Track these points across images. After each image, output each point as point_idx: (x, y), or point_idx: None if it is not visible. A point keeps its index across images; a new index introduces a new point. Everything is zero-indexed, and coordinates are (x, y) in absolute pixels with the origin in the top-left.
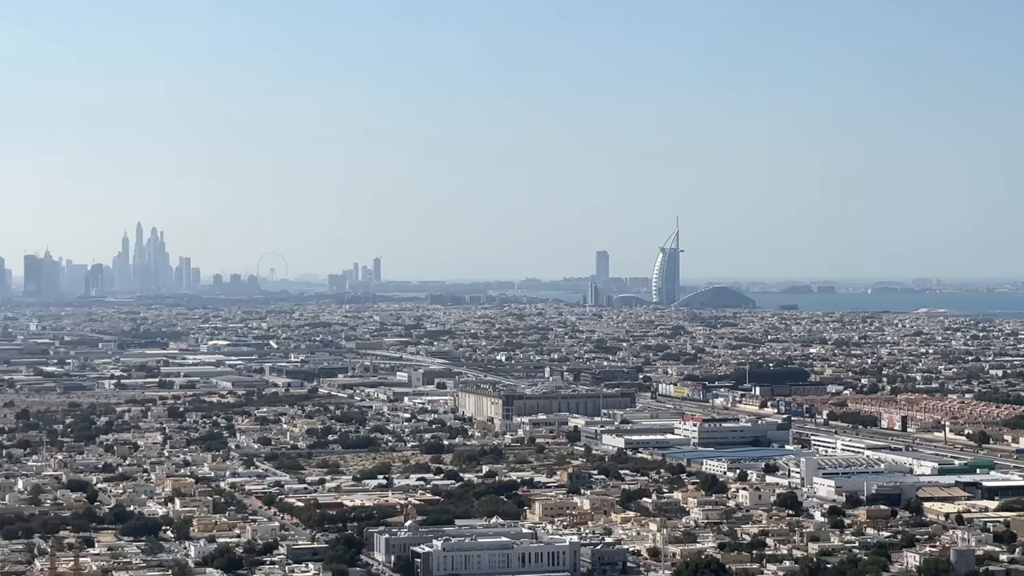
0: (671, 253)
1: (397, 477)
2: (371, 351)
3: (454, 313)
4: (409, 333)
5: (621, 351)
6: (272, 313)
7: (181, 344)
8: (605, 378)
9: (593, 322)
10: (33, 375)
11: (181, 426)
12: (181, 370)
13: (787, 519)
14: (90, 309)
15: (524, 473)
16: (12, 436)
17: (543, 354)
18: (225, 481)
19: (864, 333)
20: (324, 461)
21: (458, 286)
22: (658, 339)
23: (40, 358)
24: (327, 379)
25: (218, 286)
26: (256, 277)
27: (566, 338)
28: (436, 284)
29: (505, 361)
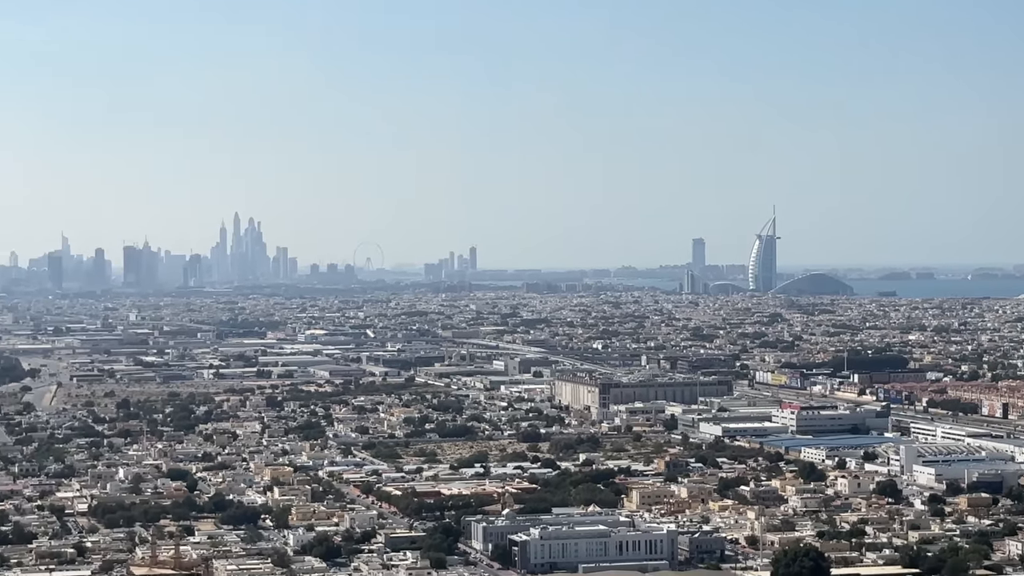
0: (768, 240)
1: (494, 466)
2: (467, 340)
3: (550, 301)
4: (505, 322)
5: (718, 339)
6: (369, 302)
7: (279, 334)
8: (702, 366)
9: (689, 310)
10: (133, 365)
11: (279, 415)
12: (279, 359)
13: (886, 507)
14: (189, 299)
15: (621, 461)
16: (113, 425)
17: (639, 342)
18: (323, 470)
19: (964, 320)
20: (421, 450)
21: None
22: (755, 326)
23: (140, 348)
24: (424, 368)
25: (315, 276)
26: (353, 267)
27: (662, 326)
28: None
29: (601, 349)
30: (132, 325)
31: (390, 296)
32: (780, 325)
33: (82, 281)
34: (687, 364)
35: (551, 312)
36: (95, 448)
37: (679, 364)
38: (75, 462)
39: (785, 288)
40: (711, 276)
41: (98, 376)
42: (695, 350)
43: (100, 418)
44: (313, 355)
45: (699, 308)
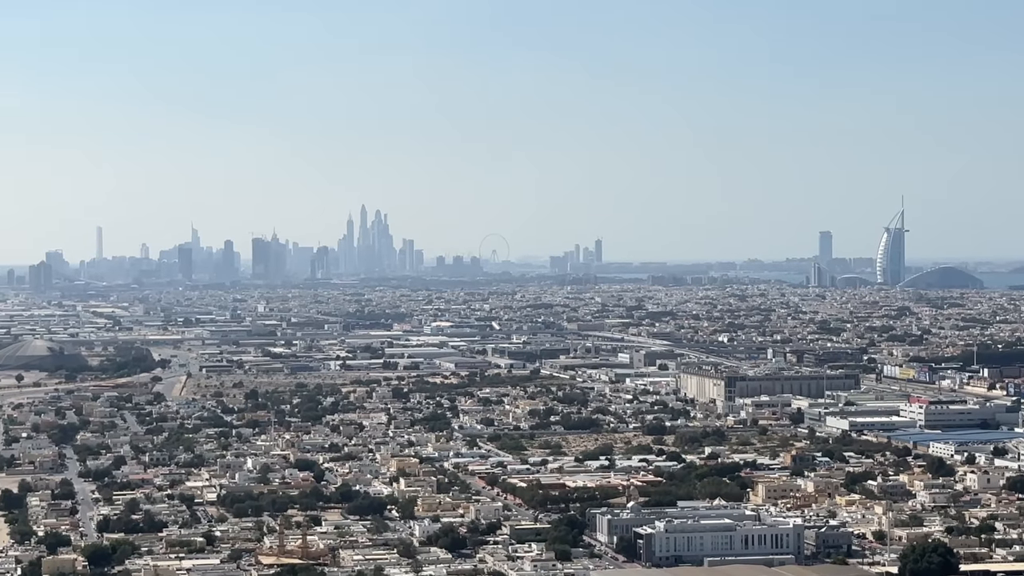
0: (896, 233)
1: (619, 458)
2: (593, 332)
3: (675, 294)
4: (630, 314)
5: (845, 332)
6: (494, 295)
7: (405, 326)
8: (828, 359)
9: (816, 303)
10: (261, 356)
11: (405, 407)
12: (405, 351)
13: (1017, 503)
14: (316, 291)
15: (747, 455)
16: (241, 416)
17: (765, 335)
18: (448, 461)
19: None
20: (546, 442)
21: (679, 267)
22: (883, 320)
23: (268, 339)
24: (549, 360)
25: (441, 268)
26: (478, 259)
27: (789, 319)
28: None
29: (727, 342)
30: (260, 316)
31: (515, 288)
32: (908, 319)
33: (211, 273)
34: (814, 358)
35: (676, 305)
36: (224, 438)
37: (805, 358)
38: (204, 452)
39: (913, 282)
40: (838, 269)
41: (227, 367)
42: (822, 344)
43: (229, 408)
44: (439, 347)
45: (826, 301)
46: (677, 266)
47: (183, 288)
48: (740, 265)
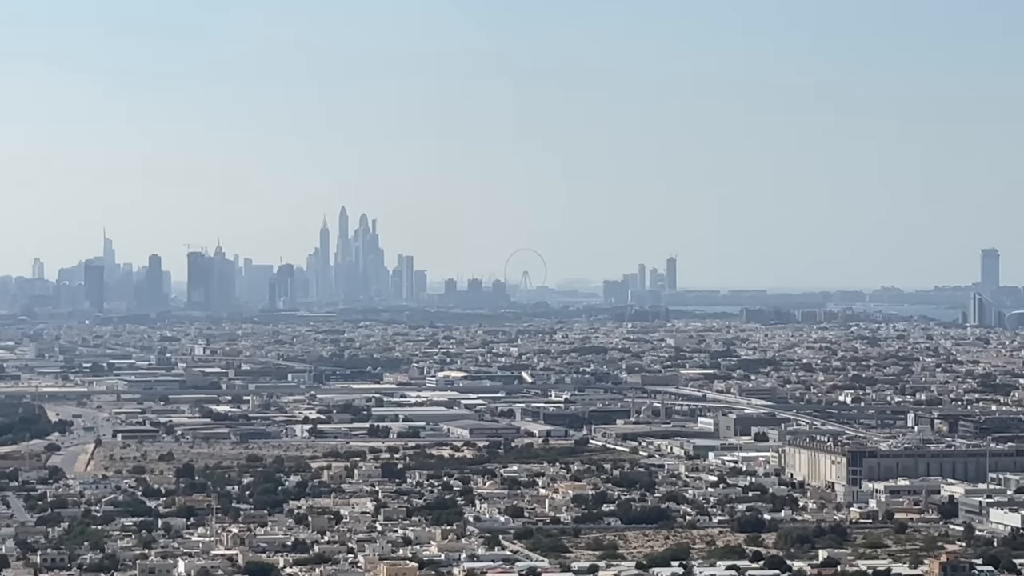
0: None
1: (698, 565)
2: (663, 388)
3: (779, 335)
4: (716, 363)
5: (1017, 391)
6: (525, 334)
7: (400, 376)
8: (994, 428)
9: (977, 349)
10: (199, 417)
11: (399, 490)
12: (400, 412)
13: None
14: (276, 327)
15: (878, 561)
16: (171, 501)
17: (905, 394)
18: (460, 567)
19: None
20: (597, 541)
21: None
22: None
23: (209, 393)
24: (601, 426)
25: (451, 295)
26: (504, 283)
27: (938, 371)
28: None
29: (851, 403)
30: (198, 362)
31: (556, 325)
32: None
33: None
34: (973, 426)
35: (780, 350)
36: (146, 532)
37: (961, 426)
38: (119, 551)
39: None
40: (1008, 302)
41: (151, 432)
42: (984, 406)
43: (153, 490)
44: (448, 406)
45: (990, 347)
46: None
47: (91, 321)
48: (870, 295)
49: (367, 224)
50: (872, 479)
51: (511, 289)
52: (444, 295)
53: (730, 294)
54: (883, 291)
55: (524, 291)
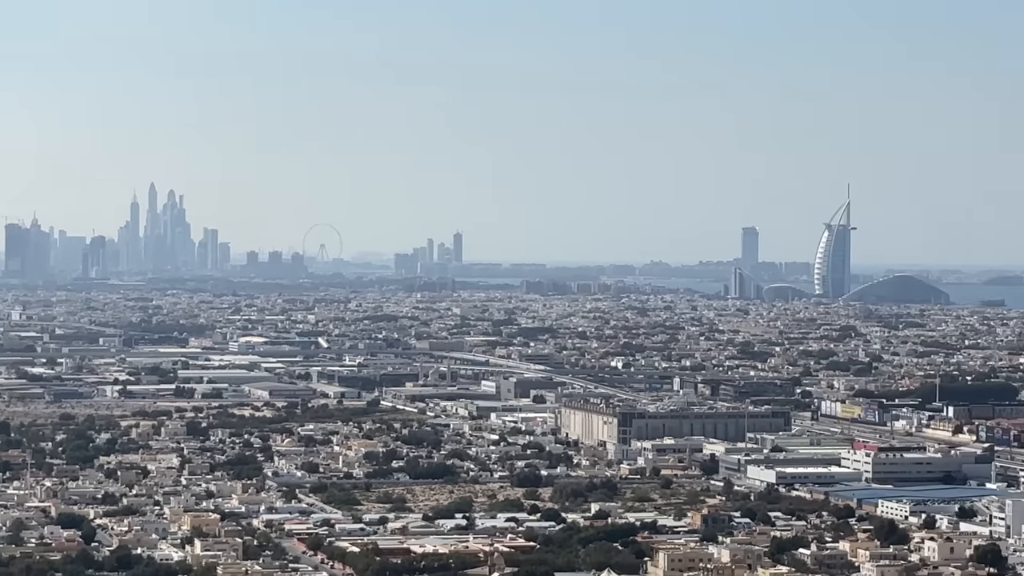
0: (840, 231)
1: (480, 517)
2: (449, 353)
3: (556, 305)
4: (498, 330)
5: (773, 358)
6: (322, 302)
7: (205, 341)
8: (752, 392)
9: (737, 319)
10: (15, 378)
11: (203, 446)
12: (204, 374)
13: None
14: (88, 294)
15: (645, 514)
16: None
17: (671, 360)
18: (259, 518)
19: None
20: (387, 495)
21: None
22: (821, 343)
23: (25, 356)
24: (391, 389)
25: (253, 267)
26: (302, 256)
27: (701, 340)
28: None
29: (622, 369)
30: (15, 326)
31: (350, 295)
32: (854, 341)
33: None
34: (732, 390)
35: (557, 319)
36: None
37: (722, 390)
38: None
39: (861, 293)
40: (766, 276)
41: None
42: (743, 372)
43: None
44: (249, 369)
45: (749, 318)
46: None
47: None
48: (640, 269)
49: (175, 199)
50: (641, 438)
51: (309, 261)
52: (246, 266)
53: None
54: (652, 265)
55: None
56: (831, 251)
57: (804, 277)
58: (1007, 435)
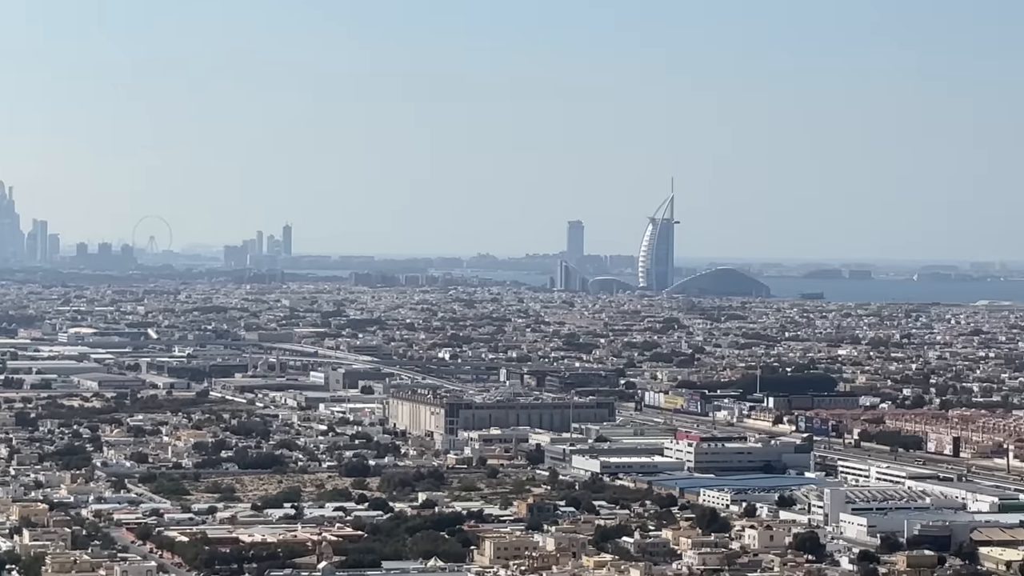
0: (664, 225)
1: (309, 506)
2: (278, 344)
3: (385, 297)
4: (327, 322)
5: (598, 349)
6: (151, 294)
7: (33, 332)
8: (577, 383)
9: (563, 312)
10: None
11: (32, 437)
12: (33, 365)
13: (806, 566)
14: None
15: (471, 503)
16: None
17: (498, 352)
18: (88, 508)
19: (908, 331)
20: (215, 484)
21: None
22: (645, 335)
23: None
24: (221, 379)
25: (82, 258)
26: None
27: (528, 331)
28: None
29: (449, 360)
30: None
31: (179, 286)
32: (677, 333)
33: None
34: (558, 381)
35: (385, 311)
36: None
37: (548, 381)
38: None
39: (684, 286)
40: (591, 269)
41: None
42: (568, 363)
43: None
44: (78, 360)
45: (575, 310)
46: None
47: None
48: (468, 262)
49: (3, 190)
50: (468, 428)
51: (139, 253)
52: (76, 257)
53: (341, 259)
54: (479, 258)
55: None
56: (655, 244)
57: (628, 270)
58: (825, 425)
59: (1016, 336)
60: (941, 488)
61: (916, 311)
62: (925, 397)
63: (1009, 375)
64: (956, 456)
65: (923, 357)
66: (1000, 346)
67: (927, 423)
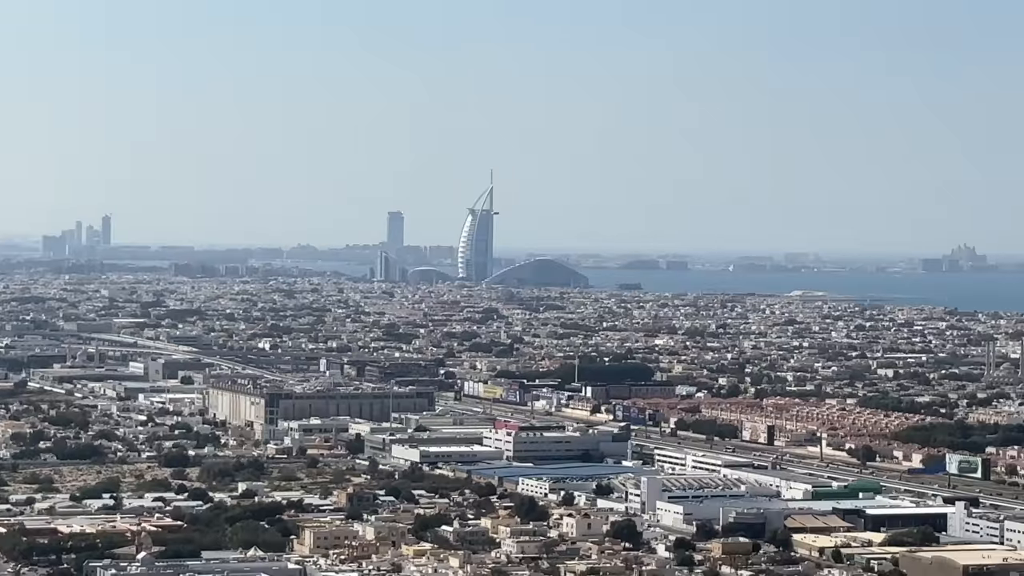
0: (483, 216)
1: (128, 497)
2: (97, 335)
3: (205, 288)
4: (146, 312)
5: (418, 339)
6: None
7: None
8: (397, 373)
9: (383, 302)
10: None
11: None
12: None
13: (623, 554)
14: None
15: (291, 493)
16: None
17: (318, 342)
18: None
19: (723, 321)
20: (34, 475)
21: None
22: (465, 325)
23: None
24: (39, 370)
25: None
26: None
27: (348, 322)
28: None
29: (270, 350)
30: None
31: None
32: (496, 323)
33: None
34: (378, 371)
35: (205, 301)
36: None
37: (368, 371)
38: None
39: (503, 277)
40: (411, 260)
41: None
42: (388, 353)
43: None
44: None
45: (395, 300)
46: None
47: None
48: (288, 252)
49: None
50: (288, 418)
51: None
52: None
53: (161, 250)
54: (299, 249)
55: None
56: (474, 235)
57: (448, 261)
58: (642, 414)
59: (829, 326)
60: (756, 476)
61: (731, 301)
62: (740, 386)
63: (822, 364)
64: (770, 444)
65: (738, 347)
66: (814, 336)
67: (742, 412)
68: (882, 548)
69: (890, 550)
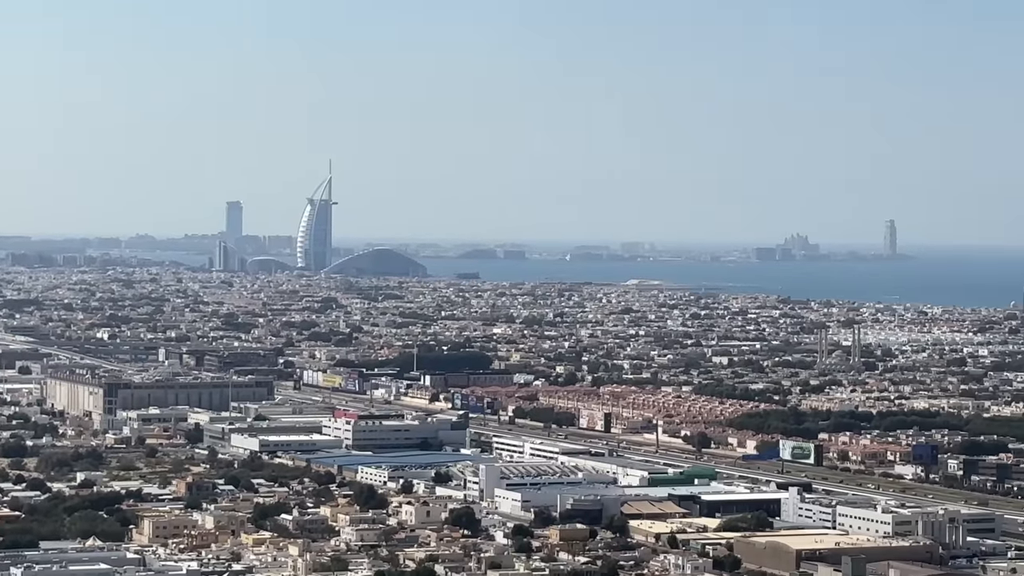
0: (322, 206)
1: None
2: None
3: (42, 277)
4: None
5: (257, 329)
6: None
7: None
8: (236, 363)
9: (222, 291)
10: None
11: None
12: None
13: (462, 541)
14: None
15: (130, 483)
16: None
17: (157, 332)
18: None
19: (560, 309)
20: None
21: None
22: (304, 314)
23: None
24: None
25: None
26: None
27: (187, 311)
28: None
29: (108, 340)
30: None
31: None
32: (335, 313)
33: None
34: (217, 360)
35: (43, 291)
36: None
37: (207, 360)
38: None
39: (342, 267)
40: (250, 250)
41: None
42: (227, 343)
43: None
44: None
45: (233, 290)
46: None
47: None
48: (126, 242)
49: None
50: (126, 408)
51: None
52: None
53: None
54: (138, 238)
55: None
56: (313, 225)
57: (287, 250)
58: (481, 402)
59: (665, 314)
60: (593, 463)
61: (568, 290)
62: (577, 374)
63: (658, 352)
64: (607, 432)
65: (575, 335)
66: (650, 324)
67: (579, 400)
68: (717, 533)
69: (725, 535)
